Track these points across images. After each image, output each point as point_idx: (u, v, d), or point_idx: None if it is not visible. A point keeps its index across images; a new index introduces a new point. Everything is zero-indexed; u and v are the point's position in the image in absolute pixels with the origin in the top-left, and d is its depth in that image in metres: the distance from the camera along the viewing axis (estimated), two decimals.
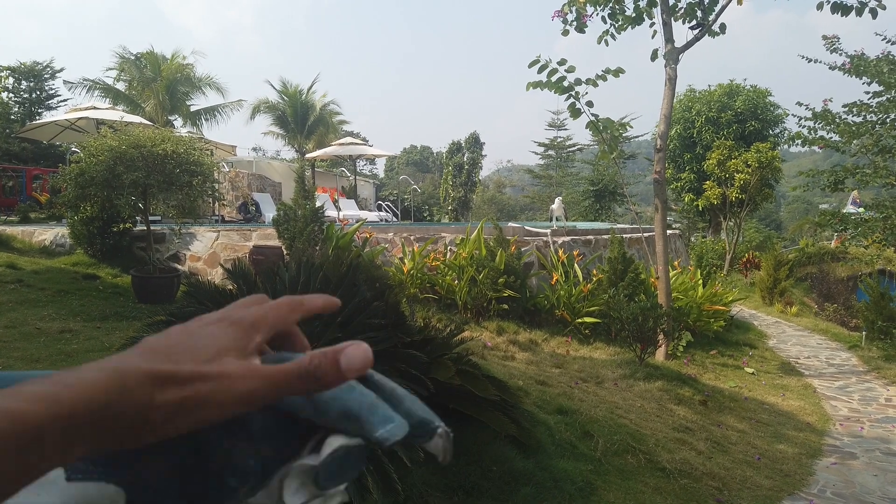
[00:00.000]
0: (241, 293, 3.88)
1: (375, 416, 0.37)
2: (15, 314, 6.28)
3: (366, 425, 0.36)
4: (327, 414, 0.37)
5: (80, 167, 7.20)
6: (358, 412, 0.36)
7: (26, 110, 27.00)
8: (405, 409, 0.38)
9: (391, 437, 0.36)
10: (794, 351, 10.38)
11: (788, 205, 62.58)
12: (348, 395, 0.37)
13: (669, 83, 8.29)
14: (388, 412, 0.37)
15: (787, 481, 4.85)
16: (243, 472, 0.37)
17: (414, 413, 0.38)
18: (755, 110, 22.27)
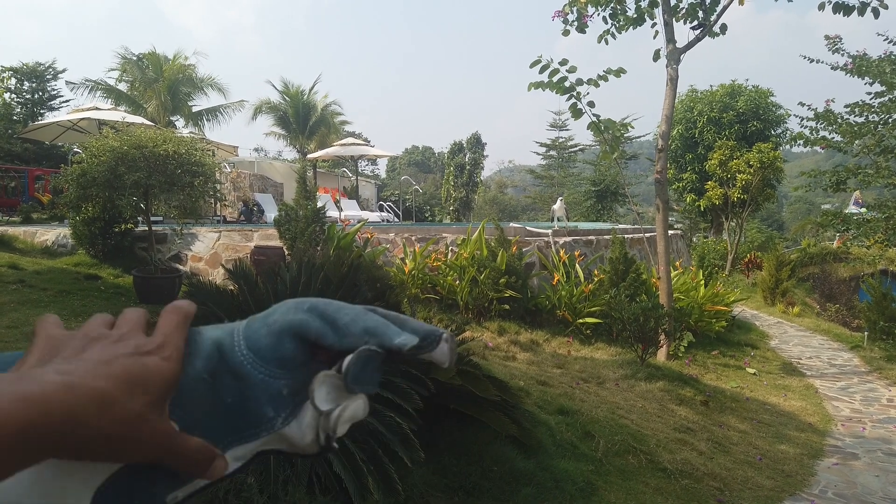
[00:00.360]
0: (243, 293, 3.89)
1: (391, 329, 0.42)
2: (17, 314, 6.29)
3: (384, 337, 0.41)
4: (350, 334, 0.41)
5: (81, 168, 7.21)
6: (375, 328, 0.41)
7: (28, 111, 27.03)
8: (411, 326, 0.43)
9: (406, 343, 0.41)
10: (796, 351, 10.37)
11: (790, 205, 62.51)
12: (365, 316, 0.42)
13: (671, 83, 8.28)
14: (398, 330, 0.42)
15: (789, 482, 4.85)
16: (278, 400, 0.40)
17: (419, 329, 0.43)
18: (757, 110, 22.24)
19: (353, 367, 0.40)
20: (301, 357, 0.41)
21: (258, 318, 0.43)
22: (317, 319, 0.41)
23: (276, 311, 0.42)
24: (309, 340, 0.41)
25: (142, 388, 0.35)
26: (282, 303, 0.43)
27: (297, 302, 0.43)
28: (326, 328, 0.41)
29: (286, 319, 0.41)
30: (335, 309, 0.42)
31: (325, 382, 0.41)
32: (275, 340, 0.41)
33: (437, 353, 0.42)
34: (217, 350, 0.40)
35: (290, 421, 0.41)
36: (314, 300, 0.43)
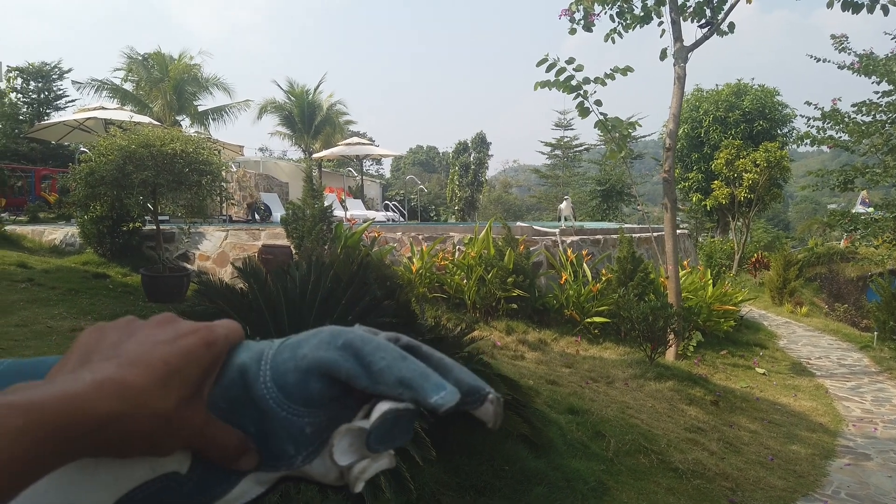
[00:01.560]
0: (253, 291, 3.88)
1: (428, 383, 0.37)
2: (26, 313, 6.30)
3: (420, 392, 0.37)
4: (383, 382, 0.38)
5: (90, 166, 7.22)
6: (411, 380, 0.37)
7: (35, 111, 27.12)
8: (454, 377, 0.39)
9: (445, 402, 0.37)
10: (805, 351, 10.31)
11: (796, 205, 62.30)
12: (402, 363, 0.38)
13: (678, 82, 8.25)
14: (440, 380, 0.38)
15: (801, 482, 4.81)
16: (299, 438, 0.38)
17: (463, 381, 0.39)
18: (763, 110, 22.18)
19: (377, 429, 0.38)
20: (329, 394, 0.39)
21: (289, 345, 0.40)
22: (350, 359, 0.38)
23: (307, 343, 0.39)
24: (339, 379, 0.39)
25: (179, 376, 0.35)
26: (316, 332, 0.40)
27: (333, 335, 0.39)
28: (359, 371, 0.38)
29: (316, 357, 0.38)
30: (371, 350, 0.38)
31: (347, 435, 0.39)
32: (301, 378, 0.38)
33: (481, 412, 0.39)
34: (240, 377, 0.38)
35: (313, 459, 0.39)
36: (351, 335, 0.39)
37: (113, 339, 0.37)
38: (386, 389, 0.38)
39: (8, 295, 6.80)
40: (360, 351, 0.38)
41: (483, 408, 0.39)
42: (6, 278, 7.37)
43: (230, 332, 0.40)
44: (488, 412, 0.39)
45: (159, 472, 0.36)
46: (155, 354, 0.35)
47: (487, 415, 0.39)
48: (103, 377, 0.32)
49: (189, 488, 0.37)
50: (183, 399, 0.34)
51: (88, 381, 0.31)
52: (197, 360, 0.36)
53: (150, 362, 0.34)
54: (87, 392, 0.31)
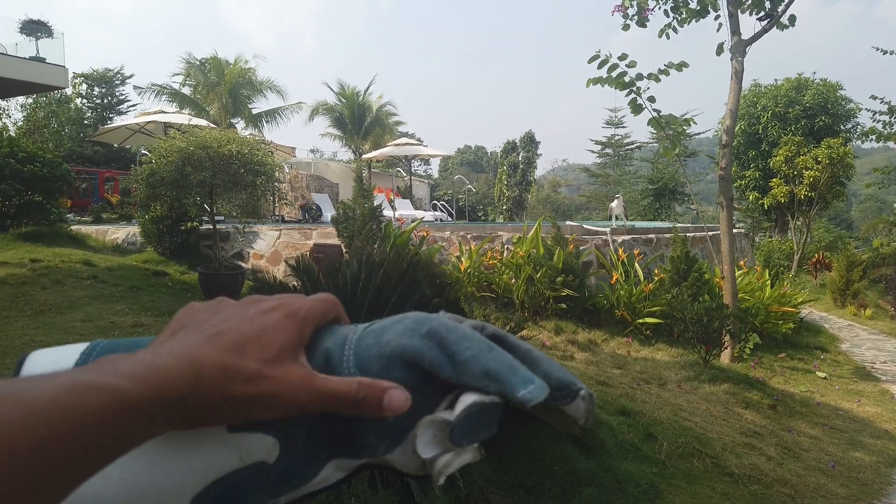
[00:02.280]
0: (305, 289, 3.95)
1: (516, 376, 0.36)
2: (91, 308, 6.57)
3: (507, 385, 0.36)
4: (468, 374, 0.36)
5: (150, 168, 7.48)
6: (498, 372, 0.36)
7: (98, 115, 28.29)
8: (543, 370, 0.38)
9: (533, 398, 0.35)
10: (870, 355, 9.89)
11: (860, 203, 59.83)
12: (488, 354, 0.37)
13: (736, 76, 8.02)
14: (528, 373, 0.37)
15: (865, 490, 4.62)
16: (380, 427, 0.38)
17: (552, 375, 0.38)
18: (825, 105, 21.35)
19: (461, 423, 0.37)
20: (412, 383, 0.37)
21: (373, 330, 0.39)
22: (434, 348, 0.37)
23: (392, 329, 0.39)
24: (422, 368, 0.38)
25: (256, 345, 0.35)
26: (401, 318, 0.40)
27: (417, 321, 0.39)
28: (443, 360, 0.37)
29: (400, 344, 0.38)
30: (457, 339, 0.37)
31: (430, 427, 0.38)
32: (384, 365, 0.37)
33: (572, 409, 0.38)
34: (325, 363, 0.38)
35: (394, 448, 0.38)
36: (436, 323, 0.38)
37: (202, 317, 0.39)
38: (471, 381, 0.37)
39: (74, 291, 7.12)
40: (444, 340, 0.37)
41: (574, 404, 0.38)
42: (73, 276, 7.70)
43: (318, 304, 0.40)
44: (579, 409, 0.38)
45: (248, 462, 0.36)
46: (232, 327, 0.36)
47: (578, 412, 0.38)
48: (180, 350, 0.33)
49: (275, 477, 0.37)
50: (264, 360, 0.35)
51: (166, 352, 0.33)
52: (275, 329, 0.37)
53: (226, 334, 0.35)
54: (166, 365, 0.32)
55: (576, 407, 0.38)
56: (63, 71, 14.08)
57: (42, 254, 8.60)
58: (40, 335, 5.40)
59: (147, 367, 0.31)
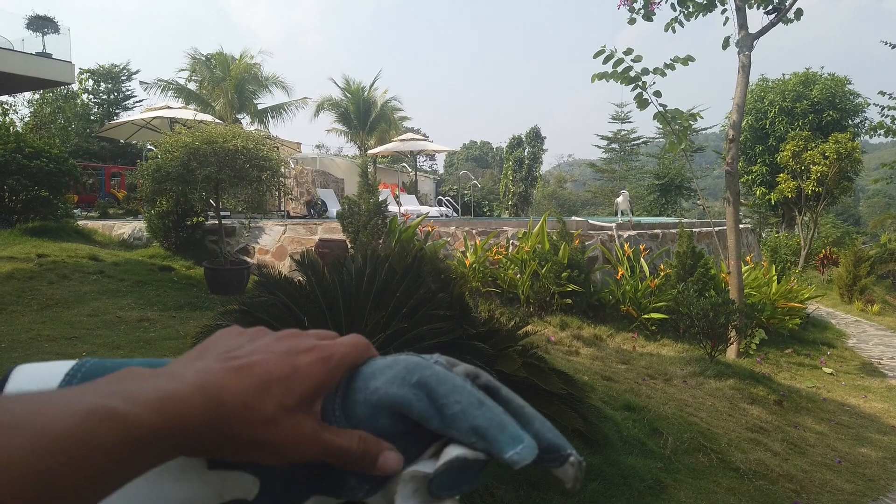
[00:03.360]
0: (310, 284, 3.95)
1: (504, 435, 0.35)
2: (97, 303, 6.60)
3: (494, 444, 0.35)
4: (456, 428, 0.36)
5: (156, 163, 7.50)
6: (486, 430, 0.35)
7: (104, 111, 28.36)
8: (534, 430, 0.37)
9: (521, 459, 0.35)
10: (877, 351, 9.84)
11: (868, 199, 59.44)
12: (478, 410, 0.36)
13: (742, 71, 7.98)
14: (518, 431, 0.36)
15: (871, 486, 4.60)
16: (361, 473, 0.37)
17: (543, 436, 0.37)
18: (833, 99, 21.22)
19: (440, 475, 0.36)
20: (397, 430, 0.37)
21: (364, 373, 0.39)
22: (423, 399, 0.37)
23: (381, 375, 0.38)
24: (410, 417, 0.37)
25: (281, 388, 0.34)
26: (392, 362, 0.39)
27: (408, 369, 0.38)
28: (432, 412, 0.36)
29: (388, 393, 0.37)
30: (446, 391, 0.37)
31: (412, 482, 0.37)
32: (371, 412, 0.37)
33: (560, 472, 0.37)
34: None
35: (374, 494, 0.38)
36: (427, 372, 0.37)
37: (236, 342, 0.38)
38: (459, 435, 0.36)
39: (81, 286, 7.15)
40: (434, 391, 0.37)
41: (562, 469, 0.37)
42: (79, 270, 7.74)
43: (352, 351, 0.39)
44: (567, 474, 0.37)
45: (226, 499, 0.35)
46: (261, 363, 0.35)
47: (566, 476, 0.37)
48: (202, 379, 0.32)
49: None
50: (284, 407, 0.34)
51: (189, 380, 0.32)
52: (305, 374, 0.36)
53: (254, 369, 0.34)
54: (184, 395, 0.31)
55: (564, 472, 0.37)
56: (69, 67, 14.11)
57: (49, 249, 8.64)
58: (47, 329, 5.42)
59: (167, 396, 0.30)
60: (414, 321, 3.57)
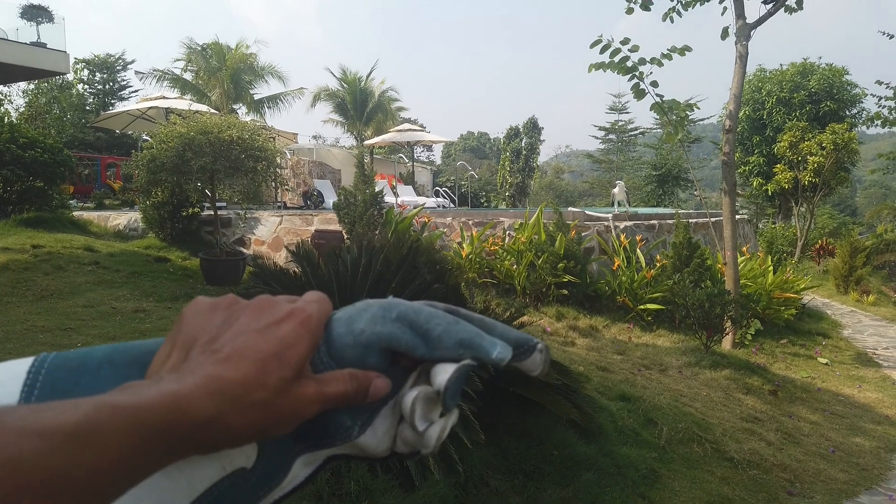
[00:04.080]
0: (306, 274, 3.95)
1: (485, 341, 0.39)
2: (92, 294, 6.59)
3: (480, 350, 0.39)
4: (443, 347, 0.39)
5: (151, 153, 7.46)
6: (470, 340, 0.39)
7: (100, 101, 28.23)
8: (499, 332, 0.41)
9: (504, 356, 0.39)
10: (872, 341, 9.88)
11: (865, 189, 59.55)
12: (456, 327, 0.40)
13: (740, 61, 7.95)
14: (491, 337, 0.40)
15: (864, 475, 4.63)
16: (355, 410, 0.39)
17: (509, 335, 0.41)
18: (831, 90, 21.17)
19: (453, 384, 0.39)
20: (383, 365, 0.40)
21: (341, 319, 0.40)
22: (407, 331, 0.39)
23: (361, 317, 0.40)
24: (397, 351, 0.40)
25: (277, 361, 0.35)
26: (366, 305, 0.41)
27: (384, 308, 0.40)
28: (417, 340, 0.39)
29: (374, 331, 0.39)
30: (426, 318, 0.40)
31: (421, 400, 0.39)
32: (361, 353, 0.39)
33: (529, 362, 0.41)
34: None
35: (366, 429, 0.40)
36: (402, 307, 0.40)
37: (214, 325, 0.37)
38: (445, 353, 0.39)
39: (76, 277, 7.13)
40: (414, 321, 0.39)
41: (531, 358, 0.41)
42: (75, 261, 7.72)
43: (322, 306, 0.40)
44: (536, 361, 0.41)
45: (229, 470, 0.36)
46: (250, 346, 0.35)
47: (535, 364, 0.41)
48: (204, 376, 0.32)
49: (254, 481, 0.37)
50: (285, 380, 0.34)
51: (190, 382, 0.32)
52: (293, 343, 0.36)
53: (246, 354, 0.34)
54: (190, 393, 0.31)
55: (533, 360, 0.41)
56: (64, 56, 14.02)
57: (44, 240, 8.61)
58: (42, 321, 5.41)
59: (170, 393, 0.30)
60: None
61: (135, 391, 0.30)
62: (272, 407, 0.34)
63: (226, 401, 0.32)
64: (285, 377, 0.34)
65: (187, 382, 0.32)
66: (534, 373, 0.42)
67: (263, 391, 0.33)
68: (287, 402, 0.34)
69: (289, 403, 0.34)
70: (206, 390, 0.31)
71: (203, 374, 0.32)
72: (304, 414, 0.36)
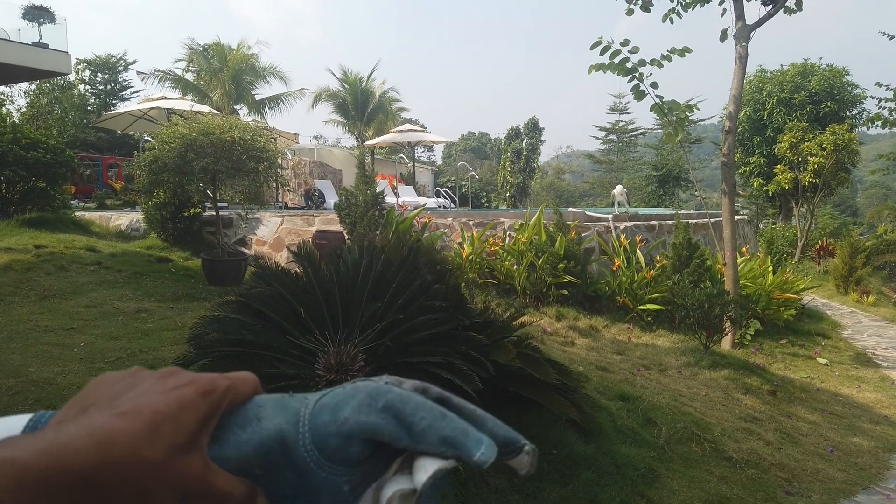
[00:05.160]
0: (307, 275, 3.98)
1: (469, 440, 0.38)
2: (95, 294, 6.62)
3: (463, 450, 0.38)
4: (426, 442, 0.39)
5: (153, 154, 7.50)
6: (454, 438, 0.38)
7: (101, 101, 28.26)
8: (488, 429, 0.40)
9: (487, 458, 0.38)
10: (871, 342, 9.90)
11: (865, 190, 59.52)
12: (442, 422, 0.39)
13: (740, 62, 7.98)
14: (477, 434, 0.39)
15: (862, 475, 4.66)
16: (337, 496, 0.40)
17: (498, 433, 0.40)
18: (831, 90, 21.20)
19: (428, 489, 0.38)
20: (367, 454, 0.40)
21: (327, 406, 0.40)
22: (392, 422, 0.39)
23: (347, 405, 0.40)
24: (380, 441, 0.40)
25: (171, 423, 0.34)
26: (354, 391, 0.41)
27: (371, 396, 0.40)
28: (402, 432, 0.39)
29: (358, 421, 0.39)
30: (411, 410, 0.39)
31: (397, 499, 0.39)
32: (343, 442, 0.39)
33: (516, 462, 0.41)
34: (279, 445, 0.39)
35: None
36: (390, 396, 0.40)
37: (116, 390, 0.37)
38: (429, 448, 0.39)
39: (78, 277, 7.17)
40: (400, 412, 0.39)
41: (518, 458, 0.40)
42: (77, 262, 7.75)
43: (236, 383, 0.40)
44: (523, 463, 0.40)
45: None
46: (147, 403, 0.35)
47: (522, 464, 0.41)
48: (90, 426, 0.32)
49: None
50: (176, 447, 0.34)
51: (73, 431, 0.31)
52: (191, 408, 0.36)
53: (141, 410, 0.34)
54: (73, 442, 0.31)
55: (520, 461, 0.40)
56: (66, 57, 14.05)
57: (46, 240, 8.64)
58: (45, 320, 5.45)
59: (55, 443, 0.30)
60: (410, 312, 3.59)
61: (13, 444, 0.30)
62: (159, 469, 0.33)
63: (113, 453, 0.31)
64: (177, 443, 0.34)
65: (69, 432, 0.31)
66: (520, 472, 0.41)
67: (153, 450, 0.33)
68: (173, 470, 0.34)
69: (175, 472, 0.34)
70: (92, 439, 0.31)
71: (91, 425, 0.32)
72: (189, 489, 0.35)
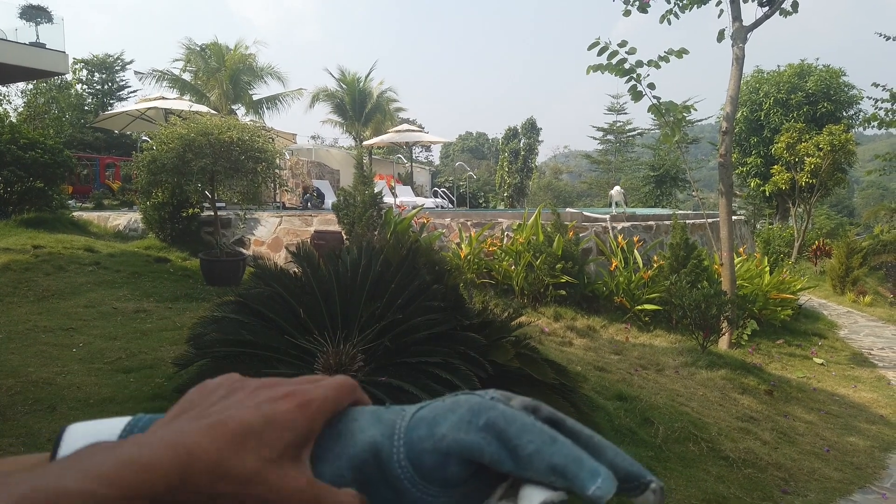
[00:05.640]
0: (306, 275, 3.99)
1: (583, 470, 0.34)
2: (93, 294, 6.63)
3: (575, 481, 0.34)
4: (533, 469, 0.35)
5: (152, 154, 7.50)
6: (565, 467, 0.34)
7: (99, 101, 28.22)
8: (608, 460, 0.35)
9: (605, 494, 0.33)
10: (867, 342, 9.94)
11: (862, 190, 59.72)
12: (552, 447, 0.35)
13: (736, 63, 8.01)
14: (594, 464, 0.34)
15: (859, 474, 4.68)
16: None
17: (619, 465, 0.35)
18: (828, 91, 21.25)
19: None
20: (466, 475, 0.36)
21: (424, 418, 0.37)
22: (493, 443, 0.35)
23: (445, 420, 0.36)
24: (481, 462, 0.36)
25: (258, 438, 0.33)
26: (454, 404, 0.37)
27: (473, 412, 0.36)
28: (504, 455, 0.35)
29: (456, 439, 0.35)
30: (516, 431, 0.35)
31: None
32: (440, 460, 0.36)
33: (639, 501, 0.35)
34: (373, 457, 0.36)
35: None
36: (493, 414, 0.36)
37: (212, 398, 0.37)
38: (536, 476, 0.35)
39: (77, 277, 7.17)
40: (504, 433, 0.35)
41: (643, 497, 0.35)
42: (75, 262, 7.75)
43: (333, 393, 0.38)
44: (648, 502, 0.35)
45: None
46: (235, 416, 0.34)
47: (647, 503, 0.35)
48: (174, 439, 0.31)
49: None
50: (267, 460, 0.33)
51: (156, 443, 0.31)
52: (285, 423, 0.35)
53: (227, 424, 0.33)
54: (154, 455, 0.30)
55: (644, 499, 0.35)
56: (63, 56, 14.04)
57: (44, 240, 8.64)
58: (44, 321, 5.45)
59: (126, 465, 0.29)
60: (408, 312, 3.61)
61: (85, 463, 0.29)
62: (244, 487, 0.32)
63: (191, 472, 0.30)
64: (267, 457, 0.33)
65: (153, 447, 0.31)
66: None
67: (238, 467, 0.32)
68: (263, 489, 0.32)
69: (271, 487, 0.33)
70: (170, 458, 0.30)
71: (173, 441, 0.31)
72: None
